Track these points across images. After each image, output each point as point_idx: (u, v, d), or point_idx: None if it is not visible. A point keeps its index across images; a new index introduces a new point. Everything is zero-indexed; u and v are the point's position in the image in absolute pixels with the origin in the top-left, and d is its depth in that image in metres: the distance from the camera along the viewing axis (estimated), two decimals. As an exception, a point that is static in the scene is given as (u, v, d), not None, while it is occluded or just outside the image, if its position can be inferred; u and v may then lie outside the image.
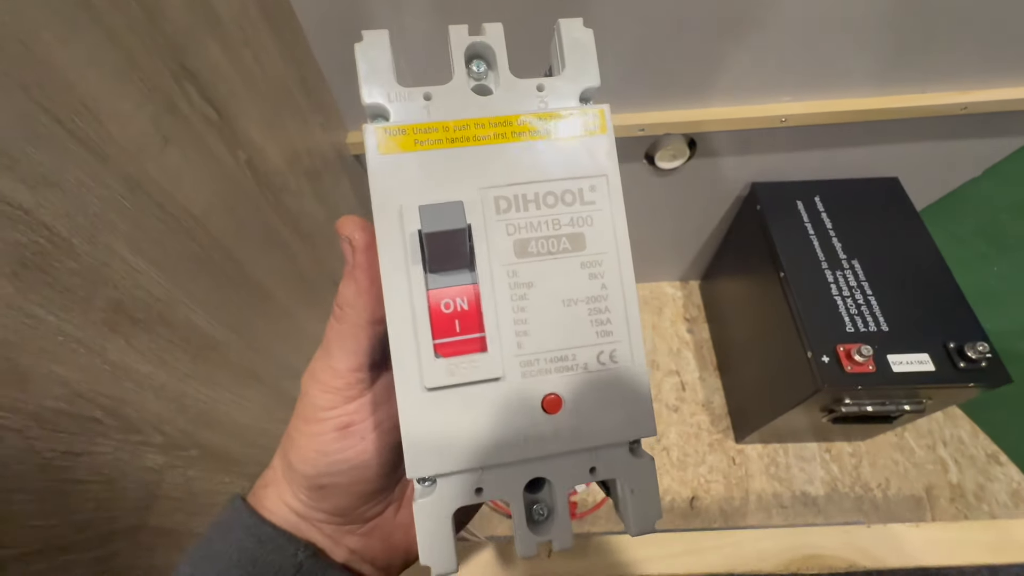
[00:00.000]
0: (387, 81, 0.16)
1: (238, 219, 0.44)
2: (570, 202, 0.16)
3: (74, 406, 0.27)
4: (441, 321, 0.16)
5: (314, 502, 0.19)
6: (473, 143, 0.16)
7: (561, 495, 0.16)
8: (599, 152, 0.17)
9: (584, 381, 0.16)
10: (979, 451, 0.88)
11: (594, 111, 0.17)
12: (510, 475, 0.16)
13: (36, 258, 0.26)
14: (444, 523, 0.16)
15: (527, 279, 0.16)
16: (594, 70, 0.17)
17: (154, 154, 0.34)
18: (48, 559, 0.25)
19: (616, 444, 0.17)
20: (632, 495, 0.16)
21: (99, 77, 0.30)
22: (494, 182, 0.16)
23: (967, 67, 0.64)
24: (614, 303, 0.16)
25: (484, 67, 0.17)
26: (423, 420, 0.15)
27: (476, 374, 0.16)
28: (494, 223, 0.16)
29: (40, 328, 0.26)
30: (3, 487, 0.23)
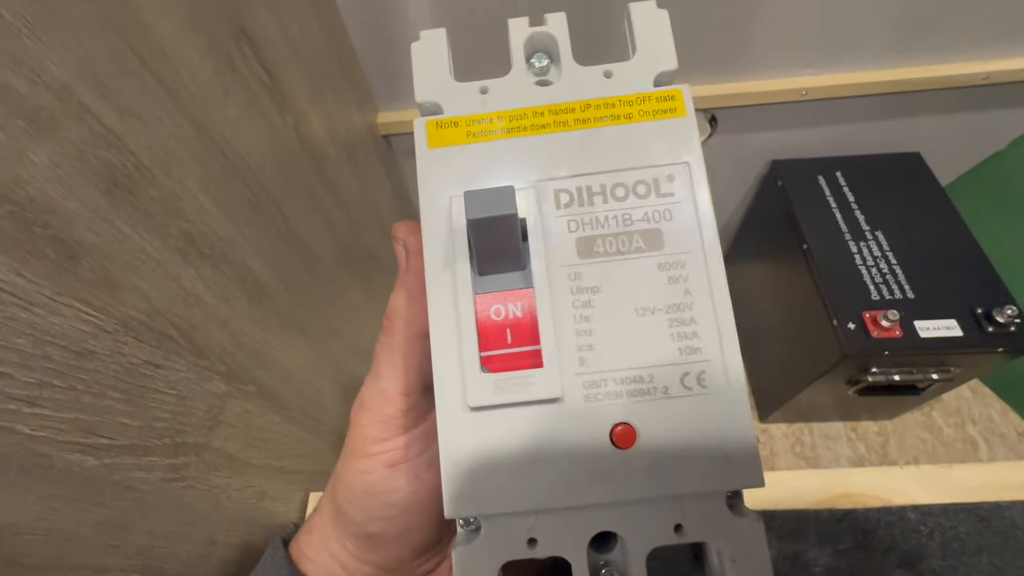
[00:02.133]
0: (442, 78, 0.15)
1: (285, 176, 0.46)
2: (644, 194, 0.14)
3: (154, 321, 0.29)
4: (490, 330, 0.14)
5: (362, 553, 0.17)
6: (531, 132, 0.15)
7: (637, 558, 0.13)
8: (677, 137, 0.15)
9: (665, 409, 0.13)
10: (1010, 429, 0.87)
11: (669, 92, 0.15)
12: (571, 525, 0.13)
13: (125, 180, 0.28)
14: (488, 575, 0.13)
15: (592, 283, 0.14)
16: (670, 52, 0.15)
17: (217, 103, 0.37)
18: (134, 456, 0.27)
19: (708, 494, 0.13)
20: (732, 567, 0.13)
21: (172, 25, 0.32)
22: (554, 174, 0.14)
23: (990, 35, 0.64)
24: (701, 312, 0.14)
25: (547, 60, 0.15)
26: (466, 447, 0.13)
27: (529, 393, 0.13)
28: (554, 219, 0.14)
29: (127, 244, 0.28)
30: (100, 382, 0.26)
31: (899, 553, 0.37)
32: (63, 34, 0.24)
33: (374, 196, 0.72)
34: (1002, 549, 0.37)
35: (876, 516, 0.39)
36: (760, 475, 0.13)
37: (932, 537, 0.37)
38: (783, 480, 0.43)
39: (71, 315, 0.24)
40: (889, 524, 0.38)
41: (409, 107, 0.75)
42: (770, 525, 0.39)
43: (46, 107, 0.23)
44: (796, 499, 0.41)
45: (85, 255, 0.25)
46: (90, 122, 0.26)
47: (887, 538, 0.38)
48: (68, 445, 0.24)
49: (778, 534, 0.39)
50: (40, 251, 0.23)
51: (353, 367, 0.60)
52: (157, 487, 0.29)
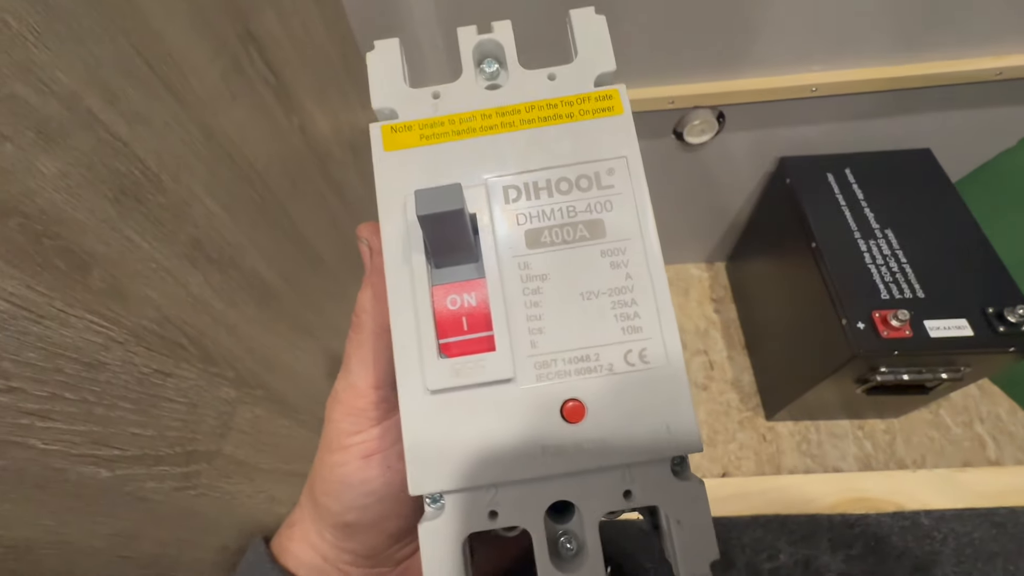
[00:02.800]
0: (396, 85, 0.16)
1: (292, 179, 0.46)
2: (586, 187, 0.15)
3: (164, 329, 0.29)
4: (447, 319, 0.15)
5: (341, 542, 0.18)
6: (480, 133, 0.16)
7: (591, 525, 0.14)
8: (616, 133, 0.16)
9: (610, 385, 0.14)
10: (1018, 428, 0.87)
11: (608, 92, 0.16)
12: (529, 496, 0.14)
13: (133, 187, 0.28)
14: (454, 551, 0.14)
15: (540, 271, 0.15)
16: (608, 55, 0.16)
17: (224, 107, 0.36)
18: (146, 466, 0.27)
19: (653, 461, 0.14)
20: (679, 528, 0.14)
21: (179, 30, 0.32)
22: (502, 171, 0.15)
23: (1004, 29, 0.63)
24: (641, 294, 0.15)
25: (496, 66, 0.16)
26: (428, 428, 0.14)
27: (483, 375, 0.14)
28: (503, 213, 0.15)
29: (136, 252, 0.28)
30: (111, 393, 0.25)
31: (912, 559, 0.37)
32: (71, 42, 0.24)
33: (379, 195, 0.72)
34: (1017, 556, 0.36)
35: (889, 521, 0.39)
36: (699, 441, 0.14)
37: (946, 543, 0.37)
38: (795, 484, 0.42)
39: (82, 327, 0.24)
40: (902, 529, 0.38)
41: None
42: (782, 530, 0.39)
43: (55, 116, 0.23)
44: (808, 504, 0.41)
45: (95, 265, 0.25)
46: (98, 130, 0.25)
47: (900, 544, 0.38)
48: (81, 458, 0.24)
49: (790, 539, 0.38)
50: (50, 263, 0.22)
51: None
52: (169, 496, 0.29)
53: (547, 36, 0.18)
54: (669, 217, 0.97)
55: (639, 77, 0.70)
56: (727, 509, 0.41)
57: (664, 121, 0.77)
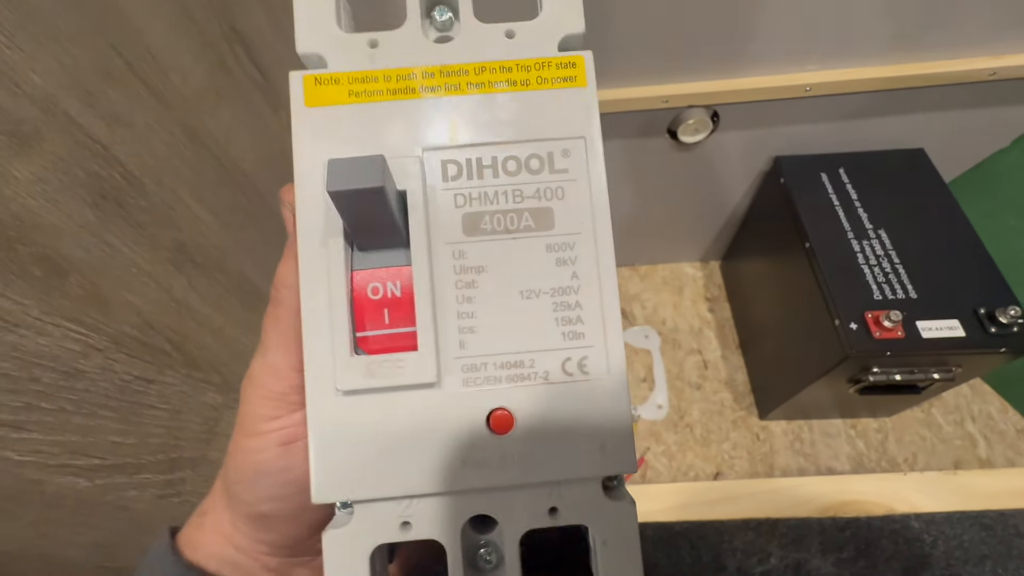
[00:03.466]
0: (327, 27, 0.14)
1: (281, 181, 0.45)
2: (536, 169, 0.13)
3: (146, 335, 0.29)
4: (366, 309, 0.13)
5: (256, 532, 0.16)
6: (420, 95, 0.14)
7: (512, 540, 0.13)
8: (576, 109, 0.13)
9: (544, 395, 0.13)
10: (1009, 426, 0.87)
11: (571, 59, 0.14)
12: (446, 509, 0.13)
13: (113, 191, 0.27)
14: (359, 563, 0.13)
15: (477, 262, 0.13)
16: (578, 13, 0.14)
17: (210, 108, 0.36)
18: (127, 474, 0.27)
19: (583, 479, 0.13)
20: (604, 548, 0.13)
21: (161, 29, 0.31)
22: (441, 142, 0.13)
23: (997, 30, 0.63)
24: (587, 297, 0.13)
25: (448, 15, 0.14)
26: (336, 432, 0.13)
27: (401, 377, 0.13)
28: (440, 192, 0.13)
29: (117, 257, 0.27)
30: (90, 401, 0.25)
31: (902, 561, 0.37)
32: (47, 42, 0.23)
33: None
34: (1006, 558, 0.36)
35: (879, 524, 0.39)
36: (633, 461, 0.13)
37: (935, 546, 0.37)
38: (786, 487, 0.42)
39: (59, 335, 0.23)
40: (892, 533, 0.38)
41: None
42: (773, 533, 0.39)
43: (29, 120, 0.22)
44: (799, 507, 0.41)
45: (73, 271, 0.24)
46: (76, 133, 0.25)
47: (890, 547, 0.38)
48: (59, 468, 0.23)
49: (781, 543, 0.38)
50: (25, 270, 0.22)
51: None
52: (151, 504, 0.29)
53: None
54: (663, 216, 0.97)
55: (633, 76, 0.69)
56: (718, 513, 0.41)
57: (658, 120, 0.76)
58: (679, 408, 0.95)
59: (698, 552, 0.38)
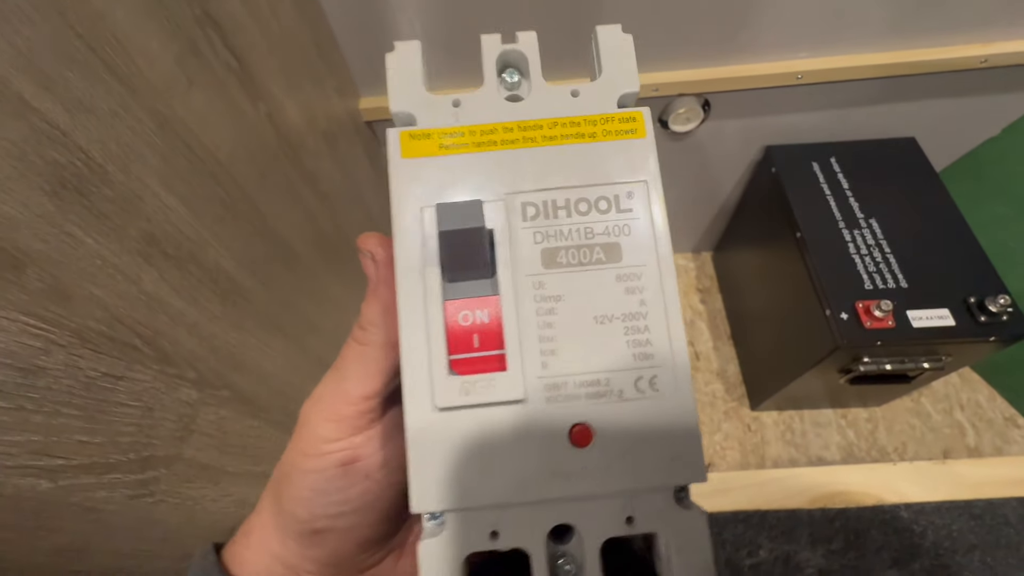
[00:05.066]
0: (416, 89, 0.16)
1: (260, 170, 0.44)
2: (605, 209, 0.15)
3: (114, 330, 0.28)
4: (458, 335, 0.14)
5: (305, 550, 0.17)
6: (501, 147, 0.15)
7: (591, 548, 0.14)
8: (637, 157, 0.16)
9: (619, 411, 0.14)
10: (997, 414, 0.88)
11: (631, 114, 0.16)
12: (532, 518, 0.14)
13: (74, 180, 0.26)
14: (453, 570, 0.14)
15: (555, 292, 0.15)
16: (633, 75, 0.16)
17: (180, 94, 0.34)
18: (95, 475, 0.26)
19: (657, 489, 0.14)
20: (677, 556, 0.14)
21: (125, 11, 0.30)
22: (521, 187, 0.15)
23: (987, 17, 0.63)
24: (655, 322, 0.14)
25: (517, 76, 0.16)
26: (434, 445, 0.14)
27: (493, 395, 0.14)
28: (520, 230, 0.15)
29: (80, 249, 0.26)
30: (52, 399, 0.24)
31: (891, 552, 0.37)
32: (-6, 21, 0.22)
33: (358, 186, 0.70)
34: (994, 547, 0.36)
35: (869, 515, 0.38)
36: (703, 472, 0.14)
37: (925, 536, 0.37)
38: (775, 479, 0.42)
39: (16, 330, 0.22)
40: (882, 523, 0.38)
41: (393, 93, 0.72)
42: (762, 525, 0.39)
43: (-24, 103, 0.21)
44: (789, 498, 0.40)
45: (31, 264, 0.23)
46: (31, 118, 0.24)
47: (879, 537, 0.37)
48: (17, 469, 0.22)
49: (770, 535, 0.38)
50: (-24, 262, 0.21)
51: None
52: (123, 505, 0.28)
53: (558, 44, 0.17)
54: (655, 207, 0.96)
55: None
56: (708, 505, 0.40)
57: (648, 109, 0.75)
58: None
59: (687, 545, 0.38)
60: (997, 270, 0.66)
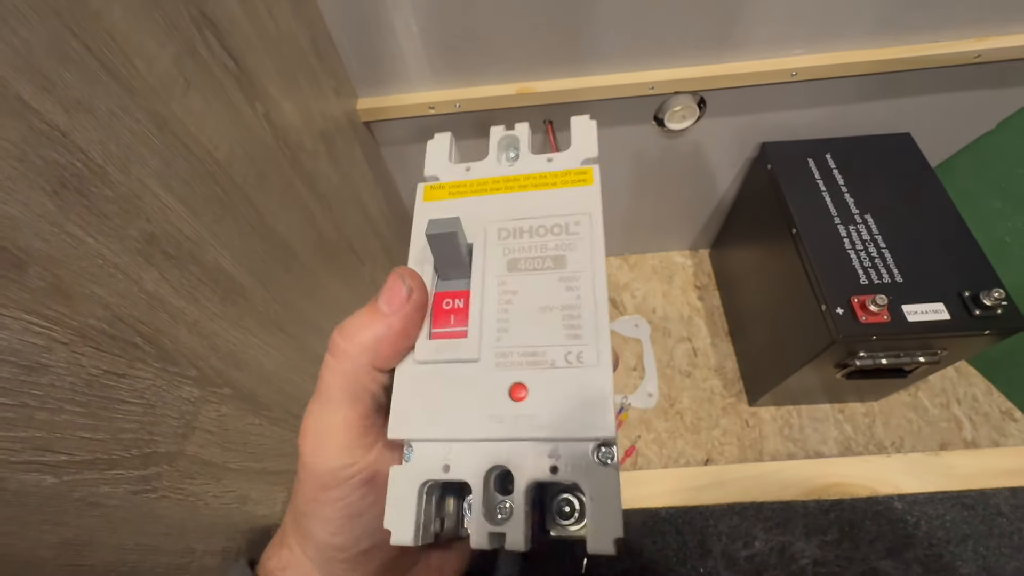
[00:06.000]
0: (443, 162, 0.22)
1: (258, 170, 0.44)
2: (557, 232, 0.20)
3: (115, 328, 0.28)
4: (440, 315, 0.19)
5: (354, 570, 0.17)
6: (490, 192, 0.21)
7: (520, 488, 0.16)
8: (586, 197, 0.20)
9: (550, 376, 0.17)
10: (993, 408, 0.88)
11: (583, 170, 0.21)
12: (475, 455, 0.17)
13: (74, 180, 0.26)
14: (411, 491, 0.17)
15: (513, 288, 0.19)
16: (593, 147, 0.21)
17: (178, 95, 0.35)
18: (98, 471, 0.26)
19: (575, 440, 0.17)
20: (592, 504, 0.16)
21: (121, 11, 0.30)
22: (499, 217, 0.20)
23: (980, 12, 0.63)
24: (586, 311, 0.18)
25: (514, 153, 0.22)
26: (411, 390, 0.18)
27: (456, 354, 0.18)
28: (493, 246, 0.20)
29: (80, 248, 0.26)
30: (55, 396, 0.24)
31: (885, 543, 0.37)
32: (-7, 23, 0.22)
33: (355, 186, 0.70)
34: (987, 537, 0.37)
35: (863, 506, 0.39)
36: (613, 431, 0.16)
37: (918, 527, 0.37)
38: (771, 471, 0.42)
39: (19, 328, 0.23)
40: (876, 514, 0.38)
41: (390, 93, 0.72)
42: (758, 517, 0.39)
43: (-24, 104, 0.21)
44: (784, 490, 0.41)
45: (32, 263, 0.24)
46: (31, 119, 0.24)
47: (873, 528, 0.38)
48: (22, 465, 0.22)
49: (765, 526, 0.38)
50: (-22, 262, 0.21)
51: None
52: (125, 501, 0.28)
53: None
54: (652, 205, 0.96)
55: (618, 61, 0.69)
56: (705, 498, 0.41)
57: (644, 107, 0.75)
58: (669, 396, 0.95)
59: (683, 537, 0.38)
60: (992, 265, 0.67)
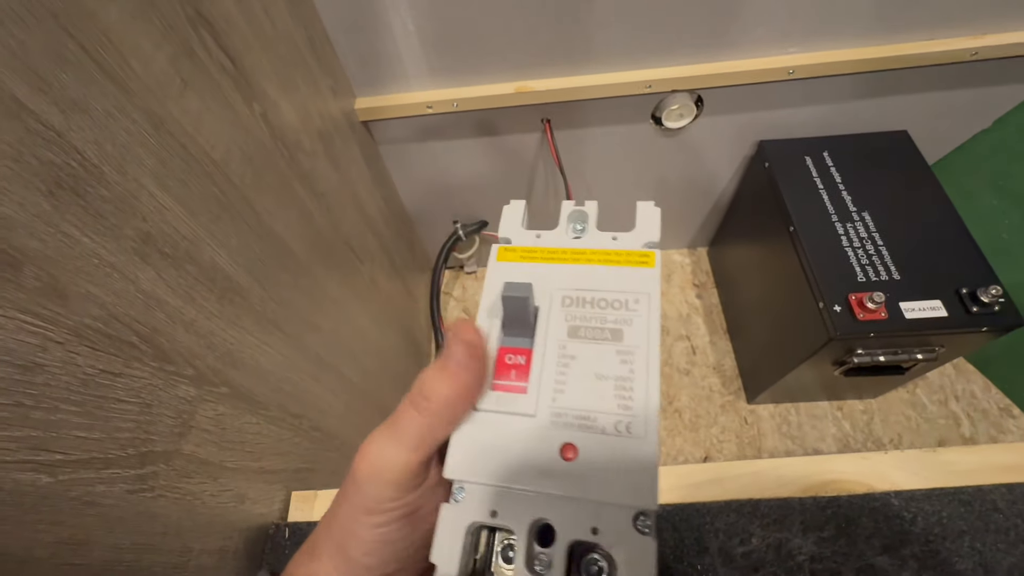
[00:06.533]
0: (517, 227, 0.23)
1: (255, 170, 0.44)
2: (617, 307, 0.21)
3: (111, 328, 0.28)
4: (503, 368, 0.20)
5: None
6: (558, 261, 0.22)
7: (561, 545, 0.18)
8: (647, 278, 0.21)
9: (600, 442, 0.19)
10: (991, 405, 0.88)
11: (646, 253, 0.22)
12: (522, 505, 0.18)
13: (70, 180, 0.26)
14: (459, 531, 0.18)
15: (572, 353, 0.20)
16: (656, 232, 0.22)
17: (174, 95, 0.35)
18: (94, 469, 0.26)
19: (618, 506, 0.18)
20: (627, 569, 0.17)
21: (117, 12, 0.30)
22: (564, 286, 0.22)
23: (977, 10, 0.63)
24: (638, 385, 0.19)
25: (582, 226, 0.23)
26: (469, 435, 0.19)
27: (515, 407, 0.19)
28: (557, 311, 0.21)
29: (76, 248, 0.26)
30: (51, 396, 0.24)
31: (882, 539, 0.37)
32: (-12, 24, 0.22)
33: (353, 185, 0.70)
34: (983, 532, 0.37)
35: (860, 503, 0.39)
36: (655, 500, 0.18)
37: (915, 523, 0.38)
38: (768, 468, 0.43)
39: (13, 327, 0.23)
40: (873, 511, 0.38)
41: (388, 92, 0.72)
42: (755, 514, 0.39)
43: (-28, 105, 0.21)
44: (781, 487, 0.41)
45: (27, 263, 0.24)
46: (26, 119, 0.24)
47: (870, 524, 0.38)
48: (18, 464, 0.23)
49: (762, 523, 0.39)
50: (-26, 261, 0.21)
51: (332, 361, 0.59)
52: (122, 500, 0.28)
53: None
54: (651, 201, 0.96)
55: (615, 60, 0.69)
56: (702, 495, 0.41)
57: (642, 106, 0.76)
58: (668, 394, 0.95)
59: (680, 534, 0.39)
60: (989, 262, 0.67)
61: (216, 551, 0.36)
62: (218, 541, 0.36)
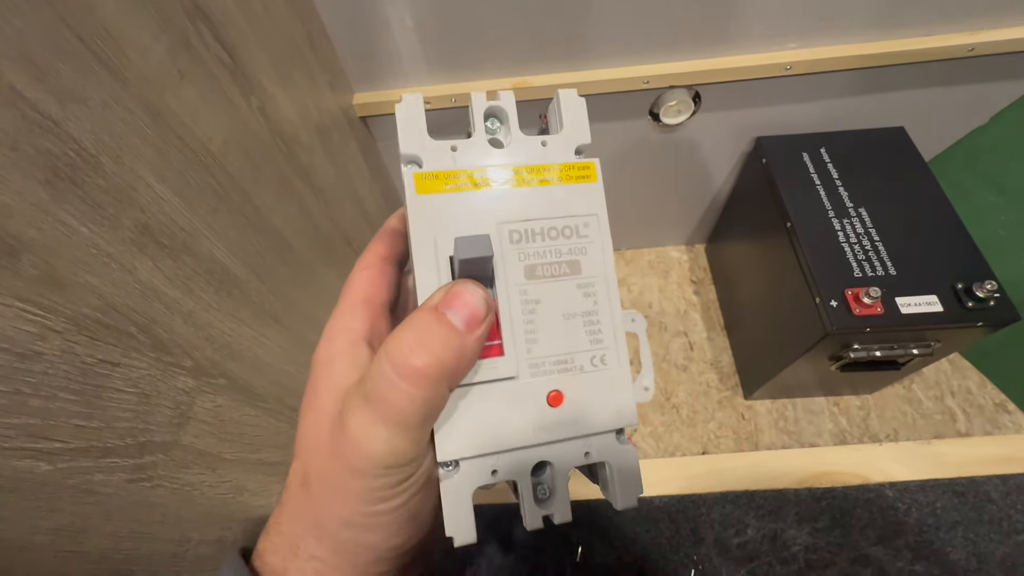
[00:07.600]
0: (421, 135, 0.19)
1: (253, 164, 0.44)
2: (568, 235, 0.20)
3: (109, 318, 0.28)
4: None
5: (407, 551, 0.18)
6: (492, 187, 0.19)
7: (561, 476, 0.19)
8: (591, 196, 0.20)
9: (581, 380, 0.19)
10: (987, 400, 0.89)
11: (586, 163, 0.20)
12: (520, 459, 0.19)
13: (67, 169, 0.26)
14: (466, 500, 0.18)
15: (535, 297, 0.19)
16: (586, 130, 0.21)
17: (172, 86, 0.35)
18: (93, 458, 0.26)
19: (606, 432, 0.19)
20: (619, 475, 0.19)
21: (116, 3, 0.30)
22: (509, 219, 0.19)
23: (974, 6, 0.63)
24: (604, 316, 0.19)
25: (497, 124, 0.21)
26: (452, 413, 0.18)
27: (495, 373, 0.18)
28: (509, 251, 0.19)
29: (74, 238, 0.26)
30: (49, 384, 0.24)
31: (876, 530, 0.37)
32: (-14, 12, 0.22)
33: (351, 180, 0.70)
34: (977, 523, 0.37)
35: (855, 494, 0.39)
36: (635, 418, 0.19)
37: (909, 513, 0.38)
38: (764, 460, 0.43)
39: (12, 316, 0.23)
40: (867, 502, 0.39)
41: (386, 87, 0.72)
42: (750, 505, 0.39)
43: (-31, 93, 0.21)
44: (777, 479, 0.41)
45: (25, 251, 0.24)
46: (23, 108, 0.24)
47: (865, 515, 0.38)
48: (16, 451, 0.23)
49: (758, 514, 0.39)
50: (-28, 248, 0.21)
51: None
52: (120, 488, 0.28)
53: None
54: (648, 200, 0.97)
55: (613, 56, 0.69)
56: (698, 486, 0.41)
57: (640, 101, 0.76)
58: (666, 390, 0.95)
59: (676, 525, 0.39)
60: (985, 257, 0.67)
61: (214, 541, 0.36)
62: (216, 531, 0.37)
